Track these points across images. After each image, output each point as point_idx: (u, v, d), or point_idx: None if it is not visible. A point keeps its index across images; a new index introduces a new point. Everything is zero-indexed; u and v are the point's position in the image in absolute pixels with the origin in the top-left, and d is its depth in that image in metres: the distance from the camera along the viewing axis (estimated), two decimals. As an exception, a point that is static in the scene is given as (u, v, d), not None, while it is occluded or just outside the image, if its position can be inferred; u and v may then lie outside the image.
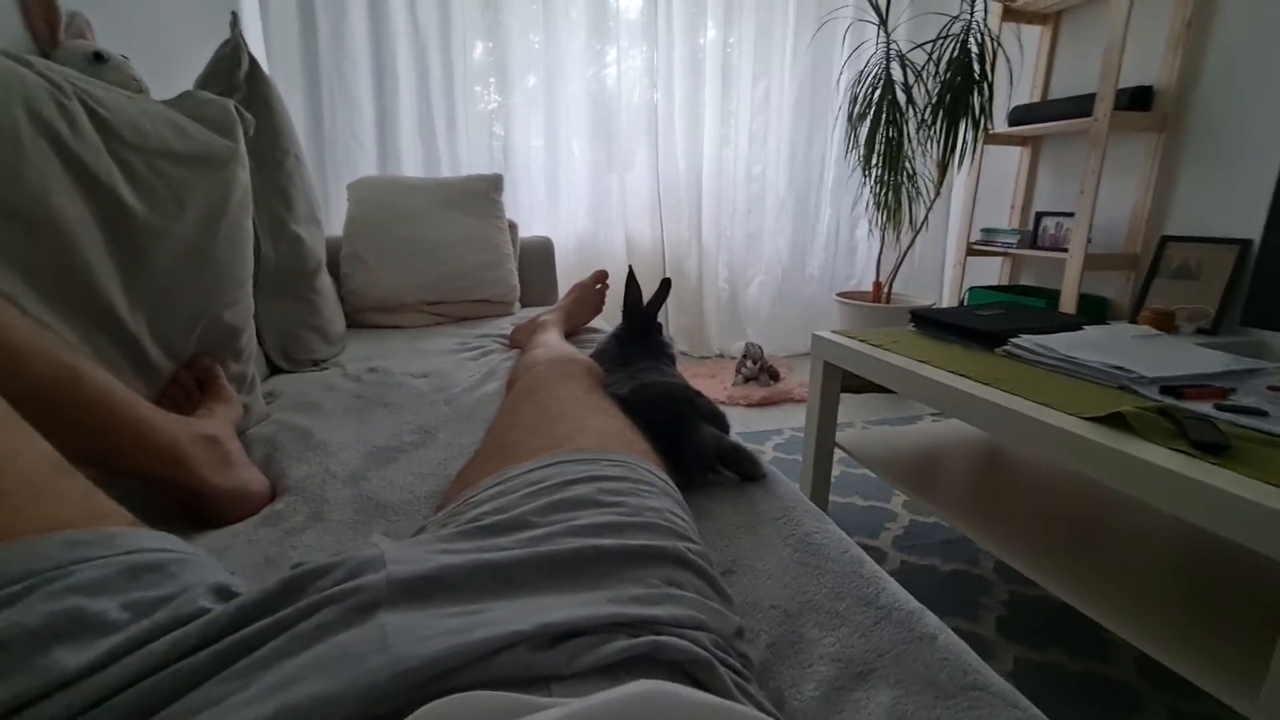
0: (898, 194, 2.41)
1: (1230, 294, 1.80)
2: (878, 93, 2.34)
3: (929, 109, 2.29)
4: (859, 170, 2.47)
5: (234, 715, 0.27)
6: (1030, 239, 2.42)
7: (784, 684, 0.47)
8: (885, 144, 2.36)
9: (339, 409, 1.02)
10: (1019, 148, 2.55)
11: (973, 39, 2.19)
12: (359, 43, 2.31)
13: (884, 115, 2.33)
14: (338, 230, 1.82)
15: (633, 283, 1.04)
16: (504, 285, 1.83)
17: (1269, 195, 1.66)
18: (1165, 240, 2.00)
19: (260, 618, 0.32)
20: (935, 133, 2.28)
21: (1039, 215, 2.43)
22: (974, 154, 2.37)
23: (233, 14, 1.24)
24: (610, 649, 0.33)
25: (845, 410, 2.18)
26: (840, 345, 1.28)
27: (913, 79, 2.33)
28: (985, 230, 2.59)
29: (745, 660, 0.41)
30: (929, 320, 1.34)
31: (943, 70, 2.24)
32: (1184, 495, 0.69)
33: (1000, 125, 2.43)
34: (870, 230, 2.69)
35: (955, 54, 2.21)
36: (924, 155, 2.38)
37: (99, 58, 1.03)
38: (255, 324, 1.01)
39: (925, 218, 2.46)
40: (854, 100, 2.40)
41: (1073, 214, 2.10)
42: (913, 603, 0.55)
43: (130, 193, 0.76)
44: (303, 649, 0.30)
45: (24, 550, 0.32)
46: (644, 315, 1.03)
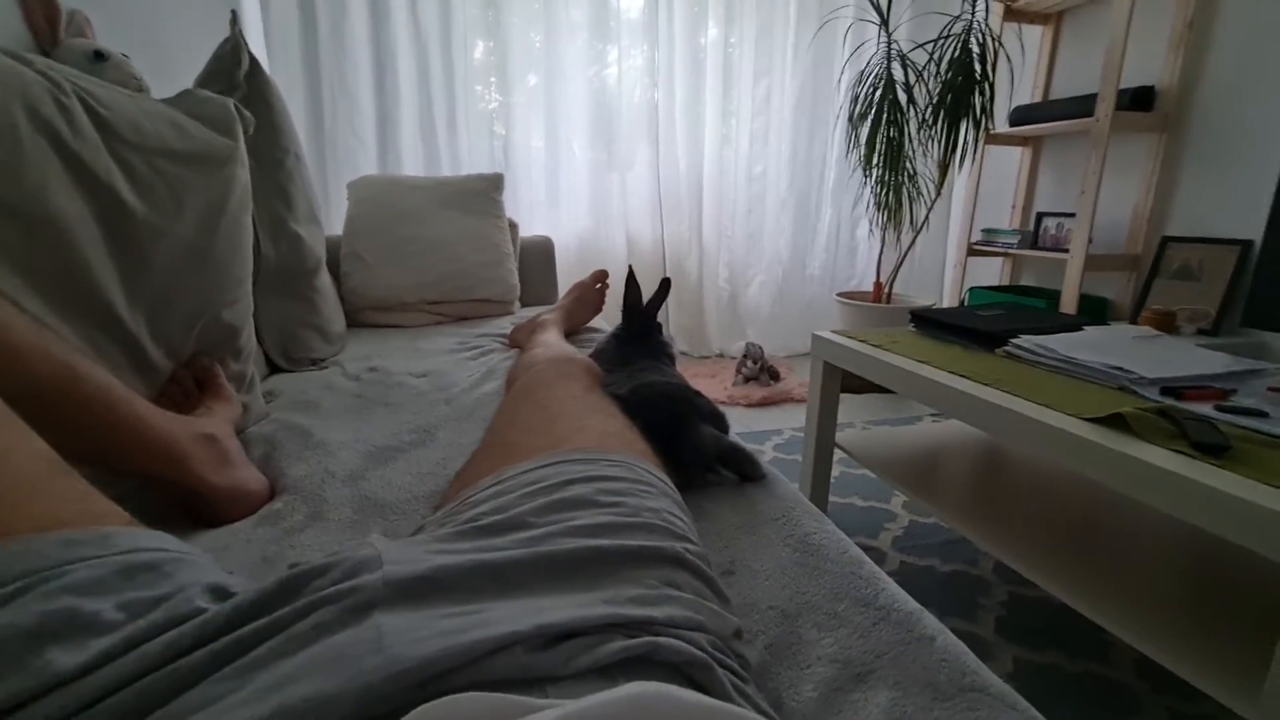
0: (898, 194, 2.41)
1: (1231, 295, 1.80)
2: (879, 92, 2.33)
3: (930, 109, 2.28)
4: (860, 170, 2.47)
5: (229, 715, 0.27)
6: (1031, 239, 2.41)
7: (782, 685, 0.47)
8: (886, 144, 2.35)
9: (338, 408, 1.02)
10: (1020, 148, 2.55)
11: (974, 39, 2.19)
12: (360, 42, 2.31)
13: (885, 115, 2.33)
14: (338, 229, 1.82)
15: (632, 282, 1.04)
16: (504, 285, 1.83)
17: (1270, 196, 1.65)
18: (1166, 241, 2.00)
19: (256, 618, 0.32)
20: (936, 133, 2.28)
21: (1040, 215, 2.43)
22: (975, 154, 2.37)
23: (233, 12, 1.24)
24: (607, 650, 0.33)
25: (845, 410, 2.17)
26: (840, 345, 1.28)
27: (914, 79, 2.32)
28: (986, 230, 2.58)
29: (743, 661, 0.41)
30: (929, 320, 1.34)
31: (944, 70, 2.23)
32: (1184, 496, 0.69)
33: (1001, 125, 2.42)
34: (871, 230, 2.69)
35: (956, 54, 2.20)
36: (925, 155, 2.37)
37: (99, 56, 1.03)
38: (255, 323, 1.01)
39: (926, 218, 2.46)
40: (855, 100, 2.40)
41: (1073, 214, 2.10)
42: (911, 604, 0.55)
43: (129, 191, 0.75)
44: (299, 649, 0.30)
45: (19, 550, 0.32)
46: (644, 315, 1.03)
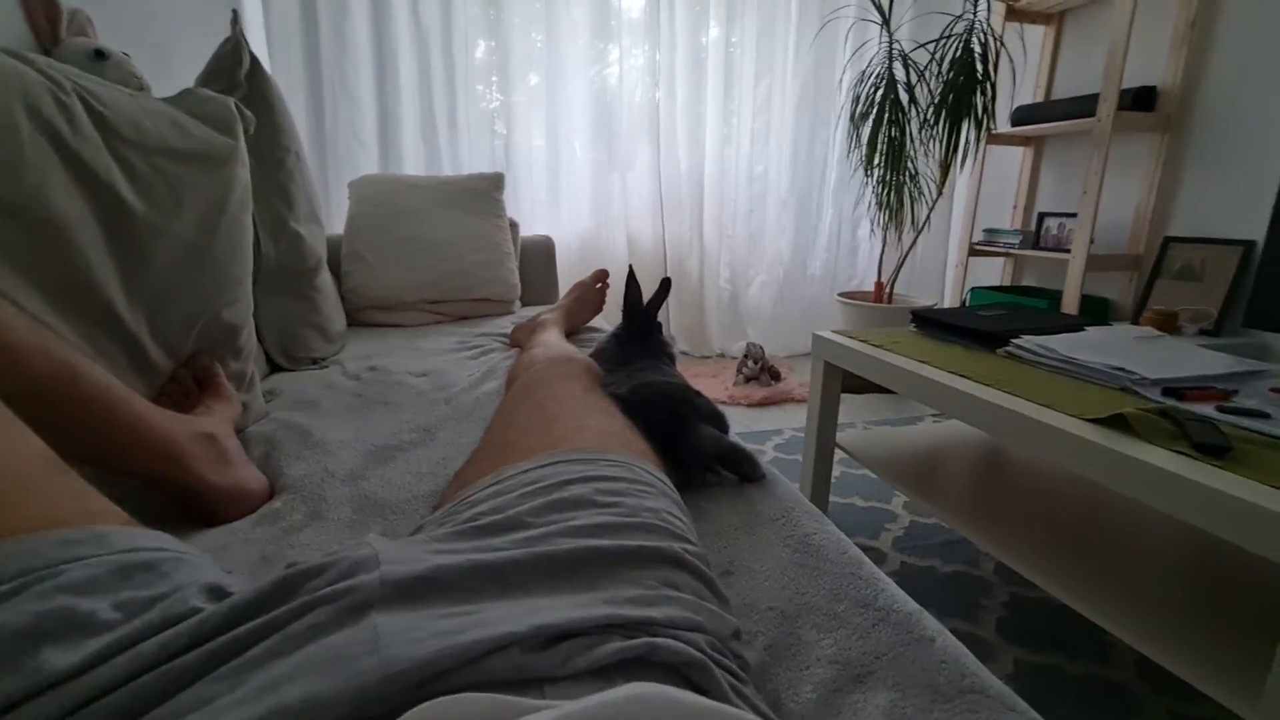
0: (900, 194, 2.40)
1: (1233, 295, 1.80)
2: (880, 92, 2.33)
3: (931, 109, 2.28)
4: (861, 170, 2.47)
5: (224, 716, 0.26)
6: (1032, 239, 2.41)
7: (781, 686, 0.47)
8: (887, 144, 2.35)
9: (338, 407, 1.02)
10: (1022, 148, 2.54)
11: (976, 39, 2.19)
12: (361, 41, 2.31)
13: (886, 115, 2.33)
14: (339, 228, 1.82)
15: (633, 282, 1.04)
16: (504, 284, 1.83)
17: (1272, 196, 1.65)
18: (1168, 241, 1.99)
19: (252, 618, 0.32)
20: (938, 133, 2.28)
21: (1041, 216, 2.42)
22: (976, 154, 2.36)
23: (233, 11, 1.24)
24: (604, 651, 0.32)
25: (846, 411, 2.17)
26: (841, 345, 1.28)
27: (915, 79, 2.32)
28: (987, 231, 2.58)
29: (742, 662, 0.41)
30: (930, 321, 1.34)
31: (945, 70, 2.23)
32: (1185, 497, 0.68)
33: (1003, 125, 2.42)
34: (872, 230, 2.69)
35: (958, 54, 2.20)
36: (926, 155, 2.37)
37: (100, 55, 1.03)
38: (255, 322, 1.01)
39: (927, 218, 2.45)
40: (856, 100, 2.39)
41: (1075, 214, 2.10)
42: (911, 605, 0.55)
43: (130, 190, 0.75)
44: (294, 649, 0.30)
45: (15, 549, 0.32)
46: (644, 315, 1.02)
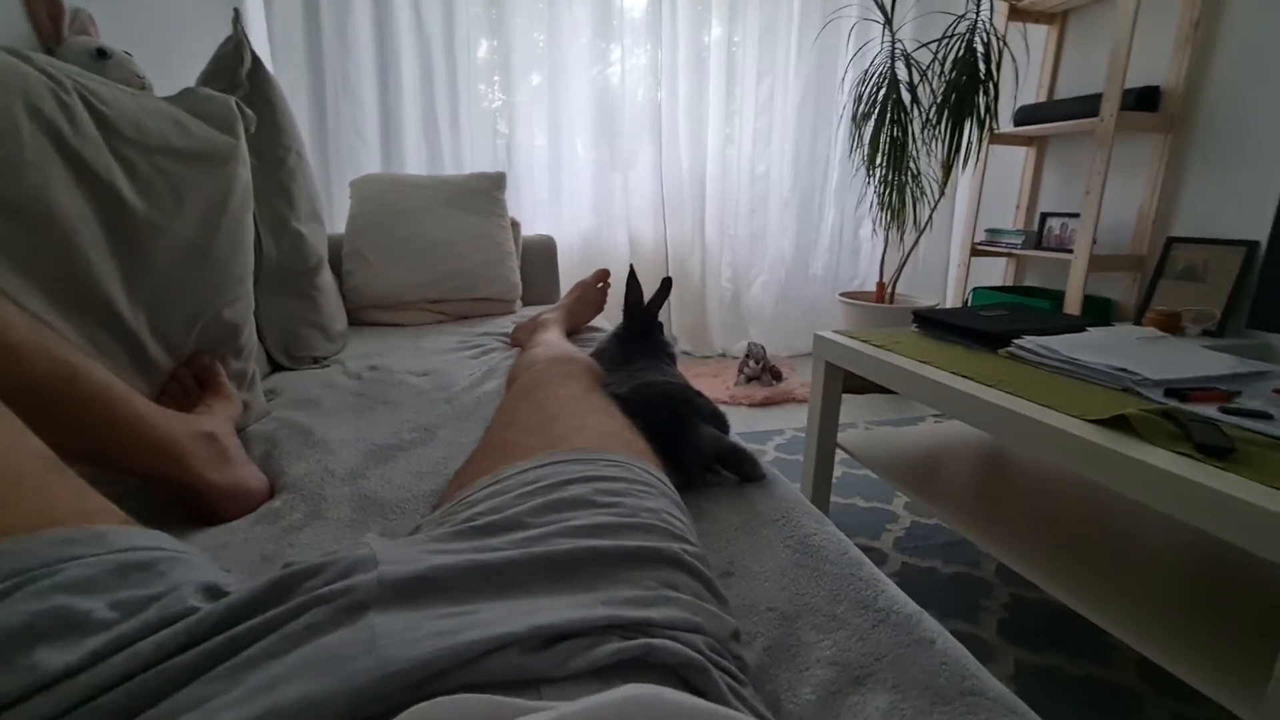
0: (902, 194, 2.40)
1: (1236, 296, 1.79)
2: (882, 92, 2.33)
3: (934, 108, 2.28)
4: (863, 170, 2.46)
5: (220, 716, 0.26)
6: (1035, 240, 2.40)
7: (780, 687, 0.47)
8: (890, 143, 2.35)
9: (339, 406, 1.02)
10: (1024, 148, 2.54)
11: (978, 38, 2.18)
12: (363, 41, 2.32)
13: (889, 115, 2.32)
14: (340, 227, 1.82)
15: (634, 282, 1.04)
16: (506, 284, 1.83)
17: (1276, 197, 1.65)
18: (1171, 241, 1.99)
19: (249, 617, 0.31)
20: (940, 132, 2.27)
21: (1044, 216, 2.42)
22: (979, 154, 2.36)
23: (235, 10, 1.24)
24: (602, 651, 0.32)
25: (847, 411, 2.17)
26: (843, 345, 1.27)
27: (918, 78, 2.32)
28: (990, 231, 2.57)
29: (740, 663, 0.41)
30: (932, 321, 1.33)
31: (948, 70, 2.23)
32: (1187, 499, 0.68)
33: (1005, 125, 2.41)
34: (874, 230, 2.68)
35: (961, 53, 2.20)
36: (928, 155, 2.37)
37: (102, 54, 1.03)
38: (256, 321, 1.01)
39: (929, 218, 2.45)
40: (858, 99, 2.39)
41: (1078, 215, 2.09)
42: (911, 606, 0.55)
43: (130, 189, 0.75)
44: (291, 649, 0.29)
45: (12, 548, 0.32)
46: (645, 314, 1.02)
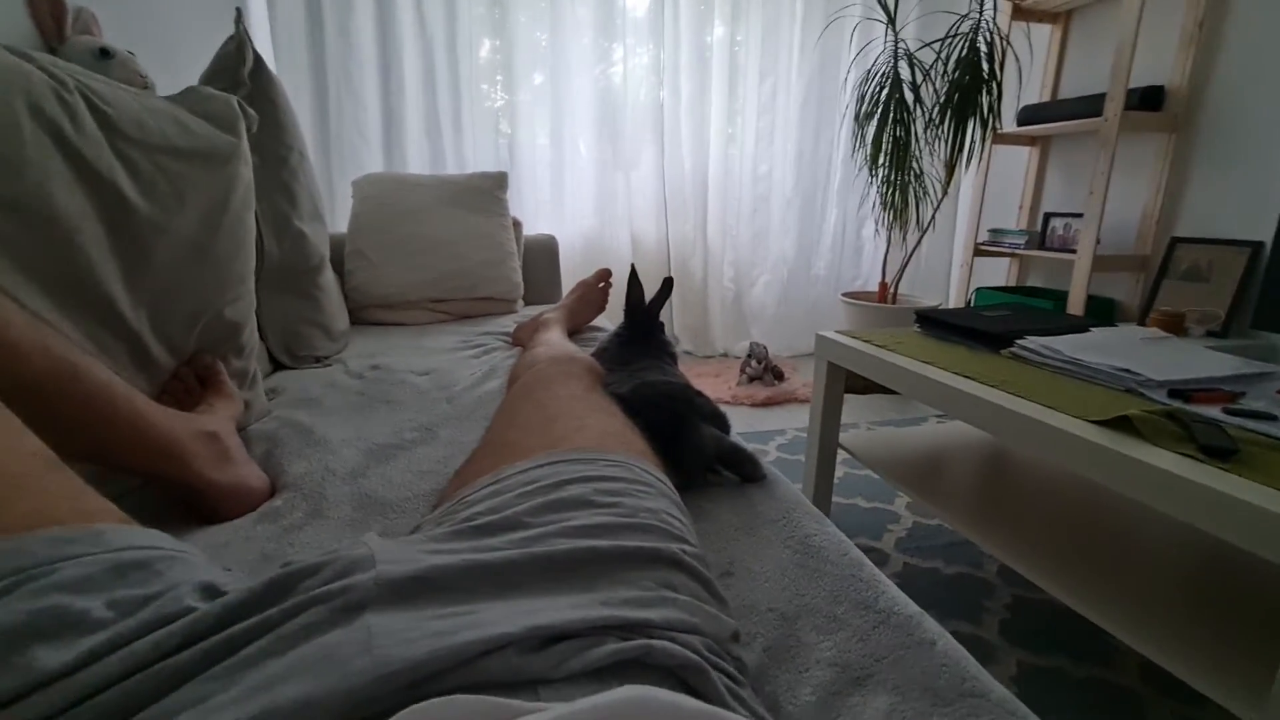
0: (905, 194, 2.39)
1: (1241, 296, 1.78)
2: (885, 92, 2.32)
3: (937, 108, 2.27)
4: (866, 170, 2.46)
5: (216, 715, 0.26)
6: (1038, 240, 2.40)
7: (779, 689, 0.47)
8: (892, 143, 2.34)
9: (340, 406, 1.02)
10: (1028, 148, 2.53)
11: (982, 38, 2.17)
12: (366, 40, 2.32)
13: (891, 114, 2.32)
14: (342, 227, 1.83)
15: (635, 281, 1.04)
16: (507, 283, 1.83)
17: (1281, 197, 1.64)
18: (1175, 242, 1.98)
19: (246, 617, 0.31)
20: (943, 132, 2.27)
21: (1047, 216, 2.41)
22: (982, 154, 2.35)
23: (237, 10, 1.24)
24: (600, 652, 0.32)
25: (849, 411, 2.17)
26: (845, 346, 1.27)
27: (921, 78, 2.31)
28: (993, 231, 2.57)
29: (740, 665, 0.40)
30: (934, 321, 1.33)
31: (951, 69, 2.22)
32: (1191, 500, 0.68)
33: (1009, 125, 2.41)
34: (877, 230, 2.68)
35: (964, 53, 2.19)
36: (931, 155, 2.36)
37: (105, 53, 1.03)
38: (258, 320, 1.01)
39: (932, 218, 2.44)
40: (861, 99, 2.38)
41: (1081, 215, 2.08)
42: (912, 607, 0.55)
43: (132, 188, 0.76)
44: (288, 649, 0.29)
45: (9, 547, 0.32)
46: (646, 314, 1.02)
